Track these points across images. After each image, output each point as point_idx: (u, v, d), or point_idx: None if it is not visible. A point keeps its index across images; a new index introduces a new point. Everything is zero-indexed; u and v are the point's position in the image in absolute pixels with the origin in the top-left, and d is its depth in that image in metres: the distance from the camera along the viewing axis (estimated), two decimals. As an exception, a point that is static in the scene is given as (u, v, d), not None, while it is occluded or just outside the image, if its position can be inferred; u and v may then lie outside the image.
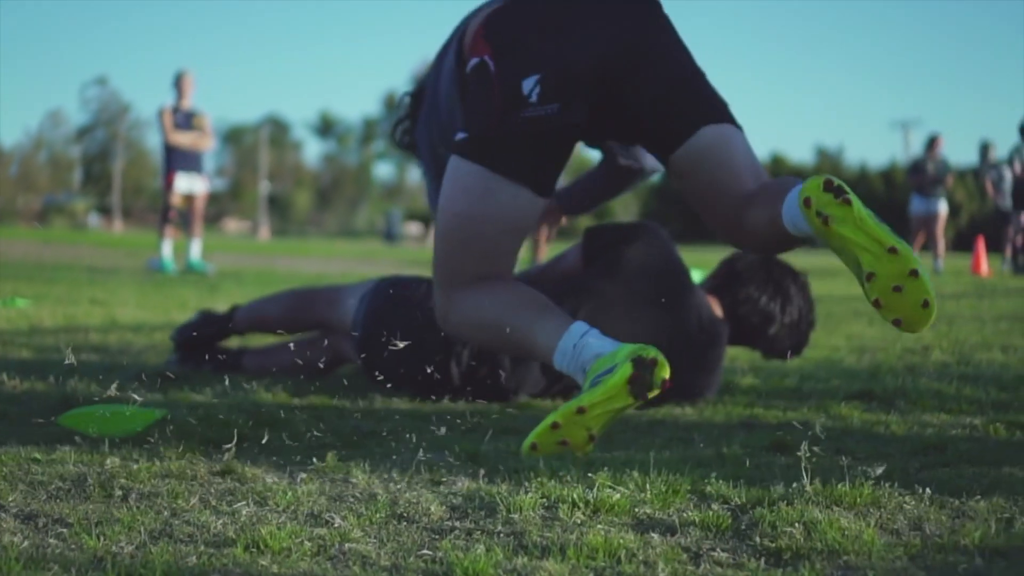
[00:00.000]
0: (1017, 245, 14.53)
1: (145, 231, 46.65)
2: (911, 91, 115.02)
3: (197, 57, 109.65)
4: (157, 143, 22.27)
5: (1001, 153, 15.32)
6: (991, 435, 2.59)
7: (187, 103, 11.12)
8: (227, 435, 2.39)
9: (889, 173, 65.83)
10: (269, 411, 2.72)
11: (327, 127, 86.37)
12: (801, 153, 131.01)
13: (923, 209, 14.77)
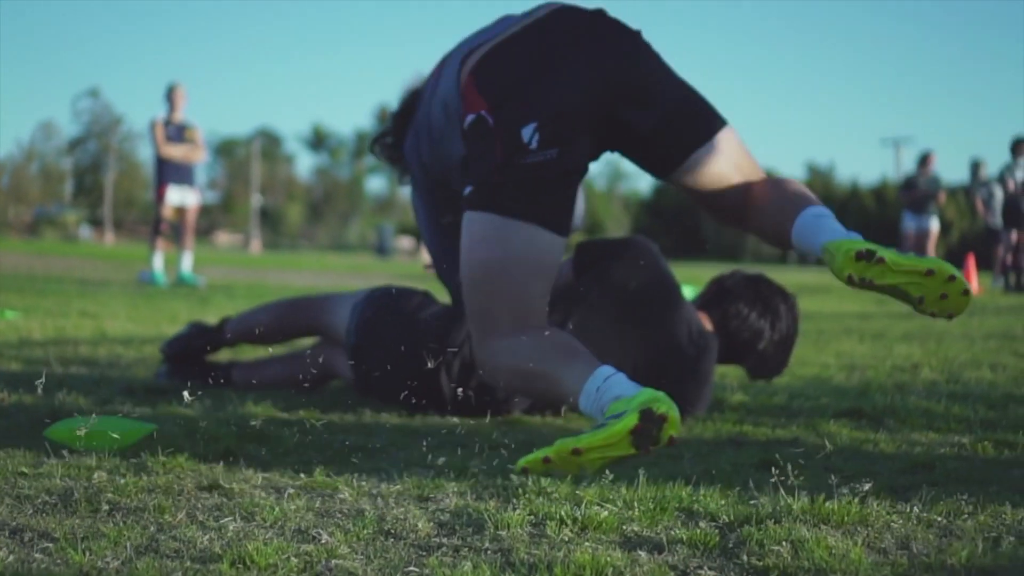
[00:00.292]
0: (1007, 263, 14.58)
1: (136, 243, 46.62)
2: (902, 109, 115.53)
3: (190, 69, 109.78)
4: (149, 155, 22.25)
5: (991, 171, 15.39)
6: (979, 454, 2.59)
7: (179, 116, 11.14)
8: (215, 450, 2.39)
9: (880, 190, 66.08)
10: (257, 425, 2.71)
11: (319, 140, 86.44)
12: (792, 170, 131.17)
13: (915, 226, 14.83)
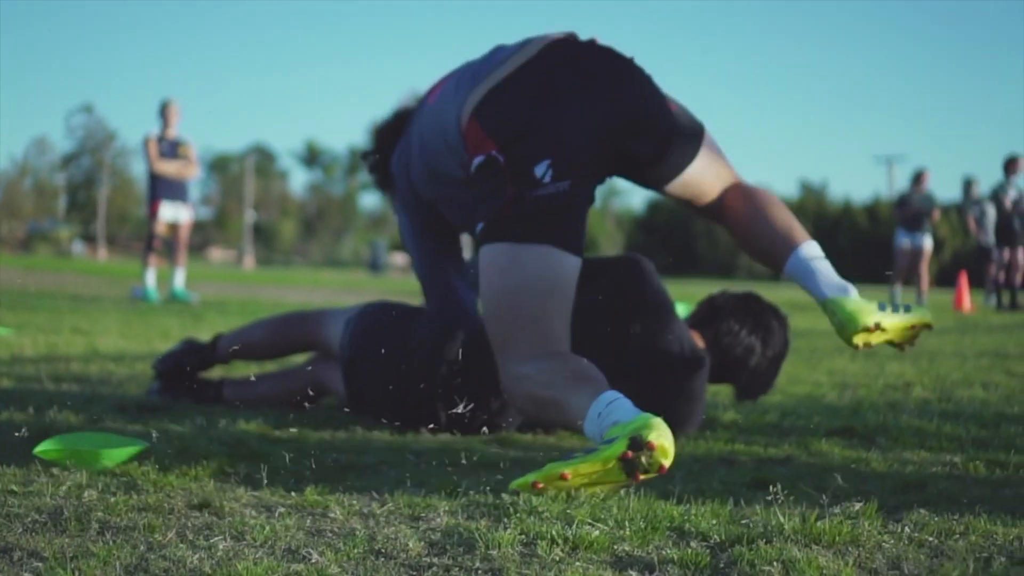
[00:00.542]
0: (1000, 281, 14.61)
1: (129, 259, 46.55)
2: (895, 126, 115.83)
3: (183, 85, 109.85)
4: (142, 171, 22.23)
5: (984, 189, 15.42)
6: (971, 473, 2.59)
7: (172, 132, 11.15)
8: (206, 467, 2.38)
9: (873, 208, 66.23)
10: (249, 443, 2.71)
11: (313, 157, 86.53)
12: (786, 187, 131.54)
13: (908, 244, 14.84)
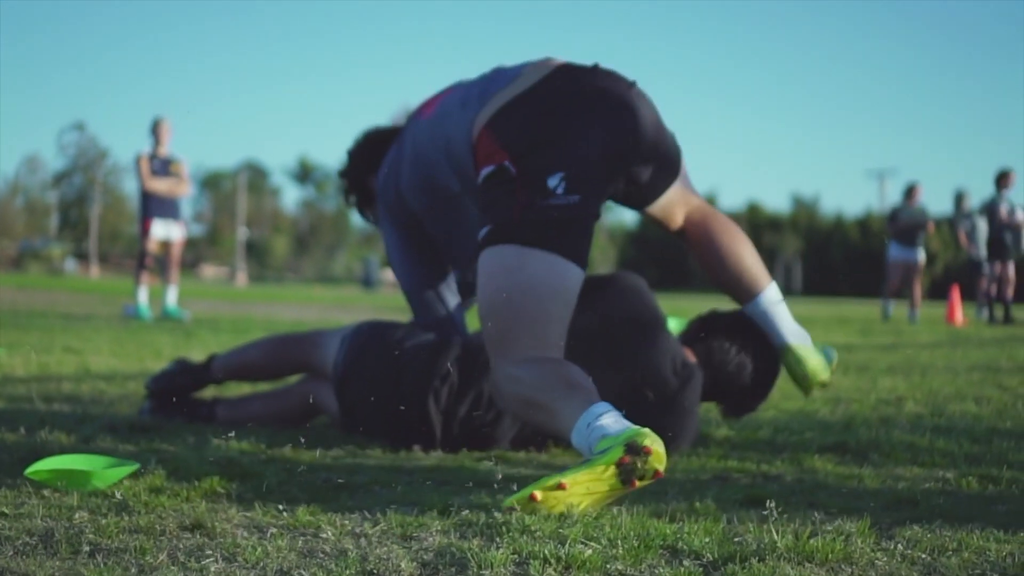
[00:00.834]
0: (992, 295, 14.64)
1: (122, 277, 46.49)
2: (887, 140, 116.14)
3: (175, 102, 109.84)
4: (134, 188, 22.25)
5: (975, 203, 15.46)
6: (963, 489, 2.59)
7: (164, 150, 11.15)
8: (198, 488, 2.37)
9: (865, 222, 66.36)
10: (241, 463, 2.70)
11: (305, 173, 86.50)
12: (778, 201, 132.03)
13: (901, 257, 14.86)
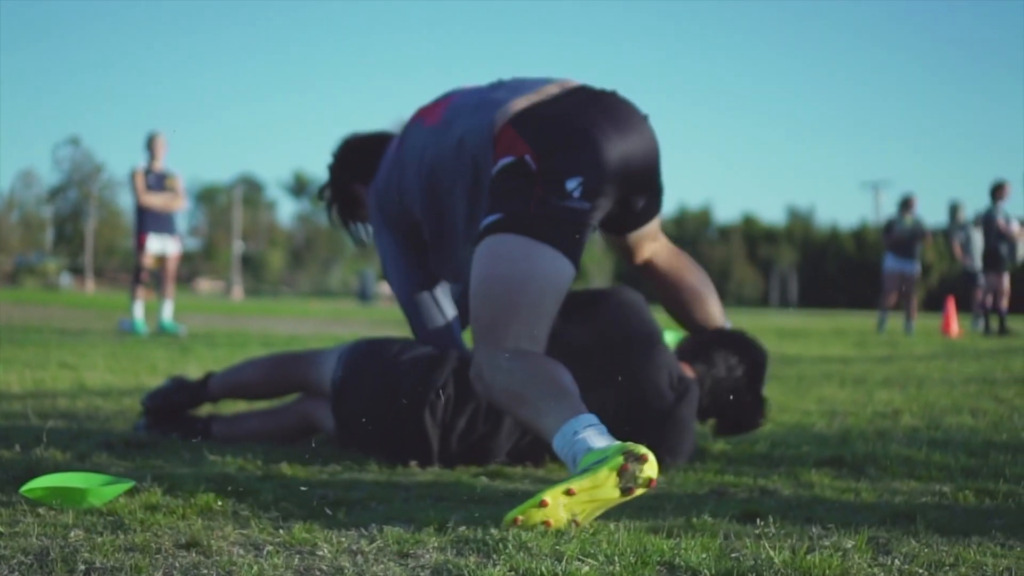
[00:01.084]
0: (987, 306, 14.65)
1: (117, 291, 46.43)
2: (881, 152, 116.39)
3: (170, 116, 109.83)
4: (130, 203, 22.21)
5: (969, 214, 15.47)
6: (960, 503, 2.59)
7: (159, 164, 11.16)
8: (193, 505, 2.37)
9: (860, 233, 66.50)
10: (237, 480, 2.69)
11: (301, 187, 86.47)
12: (773, 213, 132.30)
13: (897, 269, 14.86)
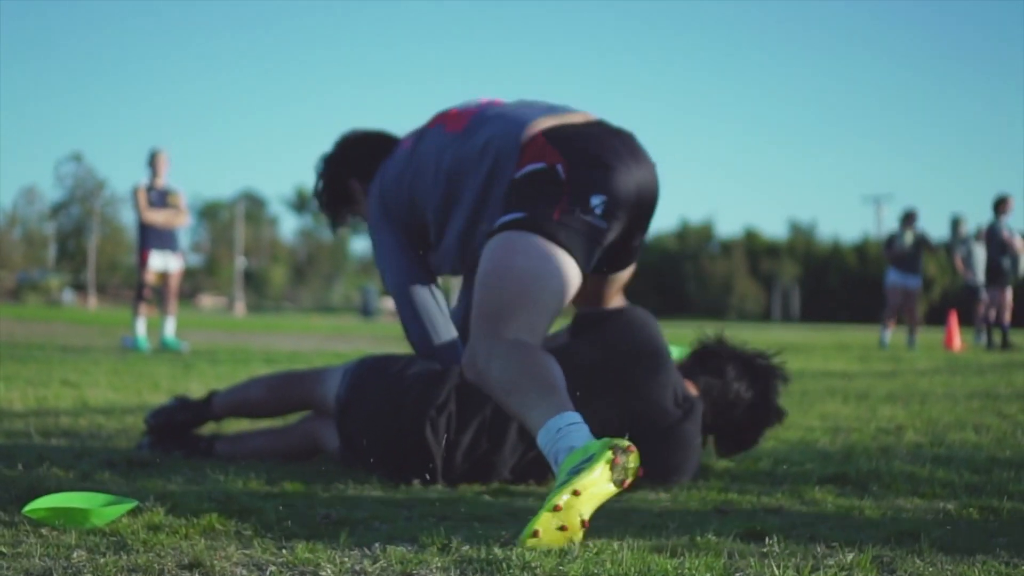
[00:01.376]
0: (990, 320, 14.63)
1: (120, 307, 46.43)
2: (883, 166, 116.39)
3: (172, 133, 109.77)
4: (132, 219, 22.26)
5: (971, 228, 15.47)
6: (964, 520, 2.59)
7: (161, 181, 11.17)
8: (196, 525, 2.36)
9: (862, 247, 66.45)
10: (240, 499, 2.69)
11: (303, 202, 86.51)
12: (774, 227, 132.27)
13: (900, 283, 14.84)
